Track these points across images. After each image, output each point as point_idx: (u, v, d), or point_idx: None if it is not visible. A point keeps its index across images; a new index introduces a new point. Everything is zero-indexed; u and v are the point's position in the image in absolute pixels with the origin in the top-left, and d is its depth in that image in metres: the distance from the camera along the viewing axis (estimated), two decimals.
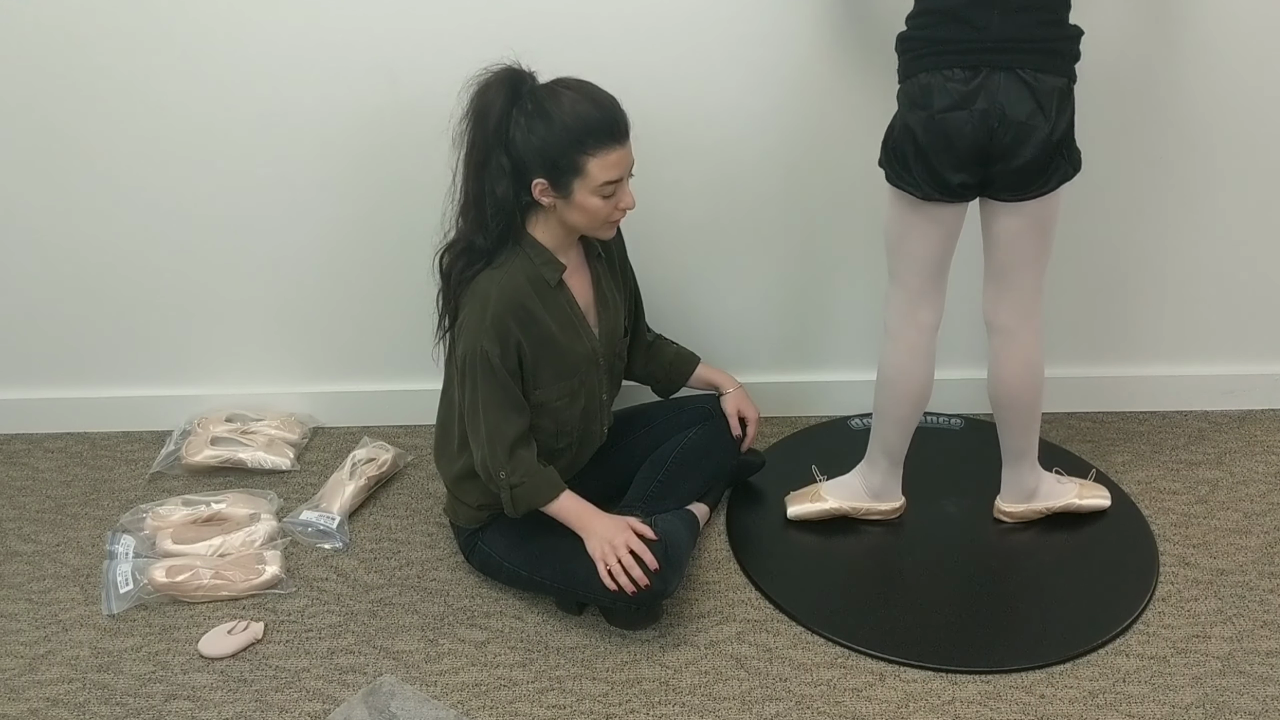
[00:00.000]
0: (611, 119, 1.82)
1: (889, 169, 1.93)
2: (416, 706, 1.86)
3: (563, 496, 1.96)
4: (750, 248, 2.44)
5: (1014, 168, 1.84)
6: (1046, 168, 1.85)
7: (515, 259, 1.90)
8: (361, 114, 2.27)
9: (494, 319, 1.86)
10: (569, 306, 1.96)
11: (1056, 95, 1.80)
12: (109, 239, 2.42)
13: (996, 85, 1.79)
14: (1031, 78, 1.79)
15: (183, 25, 2.19)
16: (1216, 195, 2.39)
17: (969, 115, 1.80)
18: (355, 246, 2.43)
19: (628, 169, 1.86)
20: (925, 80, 1.83)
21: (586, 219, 1.87)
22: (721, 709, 1.86)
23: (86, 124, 2.29)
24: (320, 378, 2.60)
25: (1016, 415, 2.11)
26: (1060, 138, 1.83)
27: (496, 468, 1.92)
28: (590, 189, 1.82)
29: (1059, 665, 1.93)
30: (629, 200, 1.88)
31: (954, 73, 1.80)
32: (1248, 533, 2.24)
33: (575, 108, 1.80)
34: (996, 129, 1.80)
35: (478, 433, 1.93)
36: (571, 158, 1.80)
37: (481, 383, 1.89)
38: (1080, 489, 2.25)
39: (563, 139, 1.79)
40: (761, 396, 2.46)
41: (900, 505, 2.25)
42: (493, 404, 1.90)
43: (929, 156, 1.86)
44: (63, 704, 1.89)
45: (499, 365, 1.88)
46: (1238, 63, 2.24)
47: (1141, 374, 2.59)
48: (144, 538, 2.22)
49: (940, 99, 1.81)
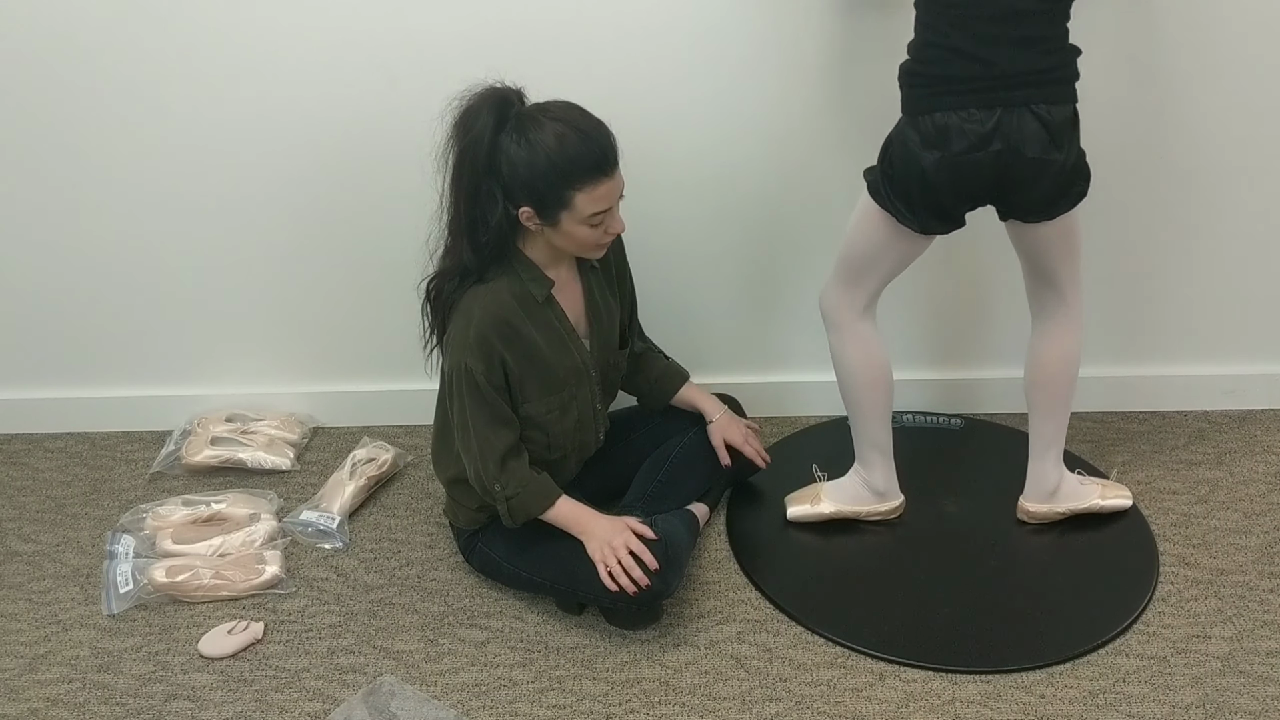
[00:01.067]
0: (599, 152, 1.77)
1: (885, 200, 1.92)
2: (416, 706, 1.86)
3: (559, 503, 1.96)
4: (746, 247, 2.44)
5: (1032, 198, 1.86)
6: (1064, 194, 1.88)
7: (503, 276, 1.89)
8: (362, 114, 2.27)
9: (477, 336, 1.85)
10: (558, 321, 1.95)
11: (1067, 125, 1.82)
12: (109, 239, 2.42)
13: (1011, 125, 1.79)
14: (1045, 111, 1.79)
15: (182, 25, 2.19)
16: (1216, 195, 2.39)
17: (985, 156, 1.81)
18: (355, 246, 2.43)
19: (616, 197, 1.83)
20: (941, 120, 1.81)
21: (575, 245, 1.86)
22: (721, 709, 1.86)
23: (86, 124, 2.29)
24: (320, 378, 2.60)
25: (1049, 399, 2.12)
26: (1073, 163, 1.84)
27: (490, 481, 1.92)
28: (577, 220, 1.80)
29: (1059, 665, 1.93)
30: (618, 226, 1.85)
31: (970, 113, 1.79)
32: (1248, 533, 2.24)
33: (562, 142, 1.74)
34: (1012, 165, 1.81)
35: (469, 448, 1.93)
36: (558, 192, 1.77)
37: (469, 399, 1.89)
38: (1103, 489, 2.25)
39: (548, 174, 1.75)
40: (760, 396, 2.46)
41: (900, 503, 2.25)
42: (480, 420, 1.90)
43: (938, 193, 1.86)
44: (63, 704, 1.89)
45: (484, 382, 1.87)
46: (1237, 62, 2.24)
47: (1141, 374, 2.59)
48: (144, 538, 2.22)
49: (958, 141, 1.80)
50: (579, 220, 1.80)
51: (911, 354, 2.58)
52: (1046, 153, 1.80)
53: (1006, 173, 1.83)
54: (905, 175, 1.87)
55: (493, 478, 1.91)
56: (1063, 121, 1.81)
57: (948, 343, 2.58)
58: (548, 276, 1.92)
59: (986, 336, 2.56)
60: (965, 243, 2.09)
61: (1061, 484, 2.20)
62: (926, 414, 2.61)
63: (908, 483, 2.26)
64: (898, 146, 1.88)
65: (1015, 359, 2.59)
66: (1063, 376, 2.10)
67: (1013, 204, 1.91)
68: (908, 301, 2.48)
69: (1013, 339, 2.57)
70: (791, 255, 2.45)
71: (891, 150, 1.90)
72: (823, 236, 2.40)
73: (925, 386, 2.61)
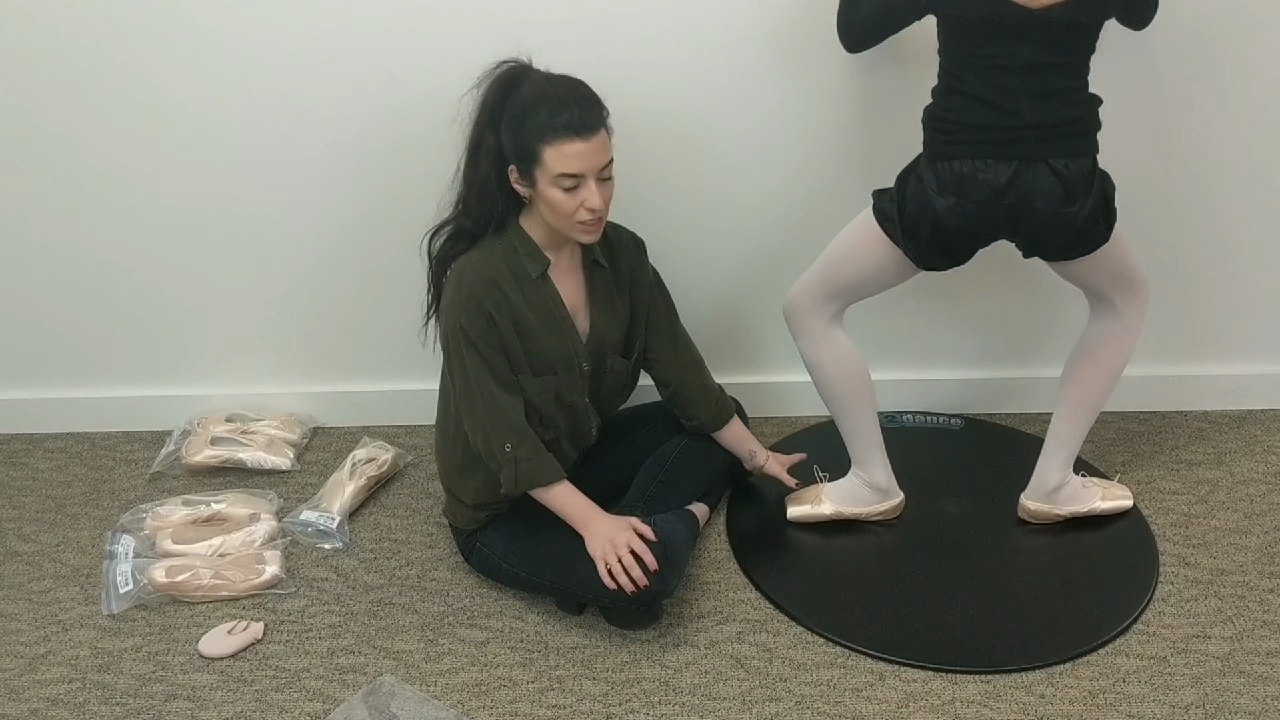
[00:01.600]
0: (572, 110, 1.78)
1: (893, 231, 1.93)
2: (416, 706, 1.86)
3: (564, 484, 1.95)
4: (751, 248, 2.44)
5: (1047, 244, 1.91)
6: (1081, 240, 1.90)
7: (497, 244, 1.92)
8: (361, 114, 2.27)
9: (469, 295, 1.87)
10: (552, 303, 1.95)
11: (1085, 178, 1.84)
12: (108, 239, 2.42)
13: (1027, 178, 1.82)
14: (1063, 166, 1.81)
15: (181, 26, 2.19)
16: (1216, 195, 2.39)
17: (999, 206, 1.84)
18: (355, 246, 2.43)
19: (592, 168, 1.81)
20: (959, 169, 1.84)
21: (552, 213, 1.86)
22: (721, 709, 1.86)
23: (86, 124, 2.29)
24: (320, 378, 2.60)
25: (1078, 397, 2.13)
26: (1089, 213, 1.86)
27: (500, 442, 1.90)
28: (548, 180, 1.81)
29: (1059, 665, 1.93)
30: (594, 200, 1.82)
31: (987, 163, 1.82)
32: (1248, 533, 2.24)
33: (540, 95, 1.79)
34: (1025, 216, 1.85)
35: (474, 412, 1.91)
36: (530, 144, 1.80)
37: (469, 359, 1.89)
38: (1103, 492, 2.25)
39: (524, 124, 1.80)
40: (762, 396, 2.46)
41: (900, 501, 2.25)
42: (484, 379, 1.89)
43: (948, 236, 1.89)
44: (63, 704, 1.89)
45: (480, 340, 1.88)
46: (1238, 62, 2.24)
47: (1141, 374, 2.59)
48: (144, 538, 2.22)
49: (973, 191, 1.83)
50: (550, 180, 1.81)
51: (911, 354, 2.58)
52: (1060, 206, 1.83)
53: (1020, 222, 1.87)
54: (918, 214, 1.89)
55: (503, 438, 1.89)
56: (1079, 175, 1.83)
57: (948, 343, 2.58)
58: (545, 255, 1.93)
59: (986, 336, 2.56)
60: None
61: (1063, 486, 2.20)
62: (926, 414, 2.61)
63: (908, 483, 2.26)
64: (914, 185, 1.91)
65: (1015, 359, 2.61)
66: (1098, 380, 2.12)
67: (1029, 247, 1.95)
68: (907, 301, 2.48)
69: (1012, 339, 2.57)
70: (792, 256, 2.45)
71: (907, 186, 1.92)
72: (822, 238, 2.40)
73: (925, 386, 2.62)
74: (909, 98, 2.03)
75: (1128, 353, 2.10)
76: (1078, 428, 2.16)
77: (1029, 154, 1.81)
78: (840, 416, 2.16)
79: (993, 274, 2.44)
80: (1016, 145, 1.81)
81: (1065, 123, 1.82)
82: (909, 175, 1.94)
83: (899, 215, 1.92)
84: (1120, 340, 2.08)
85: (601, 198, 1.83)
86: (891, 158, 2.01)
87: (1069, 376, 2.15)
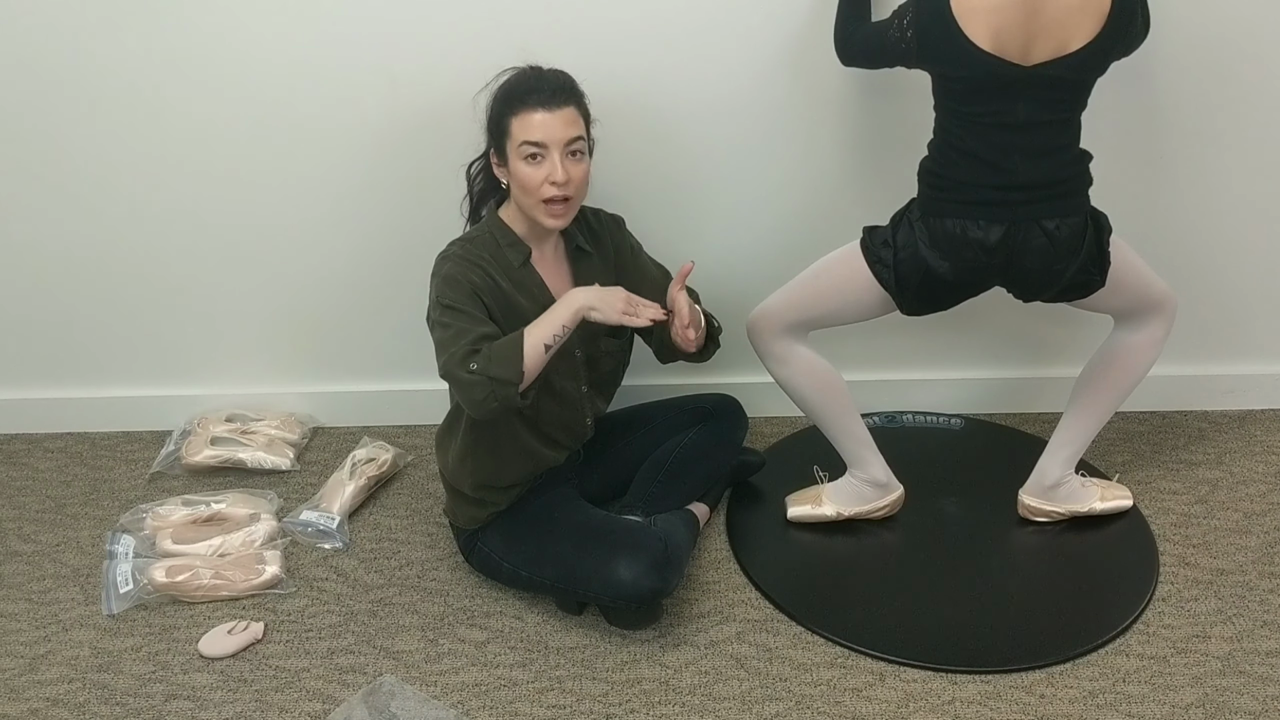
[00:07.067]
0: (537, 82, 1.85)
1: (881, 274, 1.93)
2: (416, 706, 1.86)
3: (529, 330, 1.81)
4: (747, 247, 2.44)
5: (1038, 295, 1.94)
6: (1074, 288, 1.92)
7: (478, 236, 1.95)
8: (361, 115, 2.27)
9: (456, 260, 1.89)
10: (537, 290, 1.96)
11: (1076, 235, 1.85)
12: (108, 239, 2.42)
13: (1017, 239, 1.84)
14: (1054, 226, 1.83)
15: (181, 27, 2.19)
16: (1216, 195, 2.39)
17: (989, 265, 1.86)
18: (355, 246, 2.43)
19: (555, 139, 1.82)
20: (950, 228, 1.85)
21: (521, 191, 1.87)
22: (721, 709, 1.86)
23: (86, 125, 2.29)
24: (320, 378, 2.60)
25: (1090, 397, 2.14)
26: (1080, 265, 1.87)
27: (462, 363, 1.77)
28: (515, 153, 1.84)
29: (1059, 665, 1.93)
30: (558, 174, 1.82)
31: (978, 223, 1.84)
32: (1248, 533, 2.24)
33: (519, 77, 1.88)
34: (1015, 274, 1.88)
35: (443, 339, 1.82)
36: (501, 120, 1.86)
37: (446, 288, 1.86)
38: (1102, 492, 2.25)
39: (496, 100, 1.88)
40: (764, 396, 2.46)
41: (900, 494, 2.25)
42: (458, 306, 1.83)
43: (935, 289, 1.91)
44: (63, 704, 1.89)
45: (461, 278, 1.85)
46: (1237, 61, 2.24)
47: None
48: (144, 538, 2.22)
49: (963, 250, 1.86)
50: (516, 152, 1.84)
51: (911, 354, 2.58)
52: (1049, 264, 1.86)
53: (1011, 275, 1.89)
54: (908, 265, 1.90)
55: (465, 355, 1.77)
56: (1071, 234, 1.84)
57: (947, 343, 2.58)
58: (525, 245, 1.95)
59: (986, 337, 2.56)
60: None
61: (1062, 484, 2.20)
62: (926, 414, 2.61)
63: (908, 483, 2.26)
64: (905, 234, 1.91)
65: (1014, 360, 2.61)
66: (1115, 388, 2.12)
67: (1023, 295, 1.97)
68: None
69: (1011, 339, 2.57)
70: (792, 256, 2.45)
71: (899, 234, 1.92)
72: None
73: (925, 386, 2.62)
74: (910, 97, 2.03)
75: (1149, 364, 2.11)
76: (1086, 430, 2.17)
77: (1023, 215, 1.83)
78: (825, 425, 2.16)
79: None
80: (1009, 207, 1.83)
81: (1058, 182, 1.84)
82: (902, 219, 1.94)
83: (894, 261, 1.92)
84: (1144, 352, 2.09)
85: (566, 172, 1.84)
86: (892, 157, 2.01)
87: (1086, 380, 2.16)
